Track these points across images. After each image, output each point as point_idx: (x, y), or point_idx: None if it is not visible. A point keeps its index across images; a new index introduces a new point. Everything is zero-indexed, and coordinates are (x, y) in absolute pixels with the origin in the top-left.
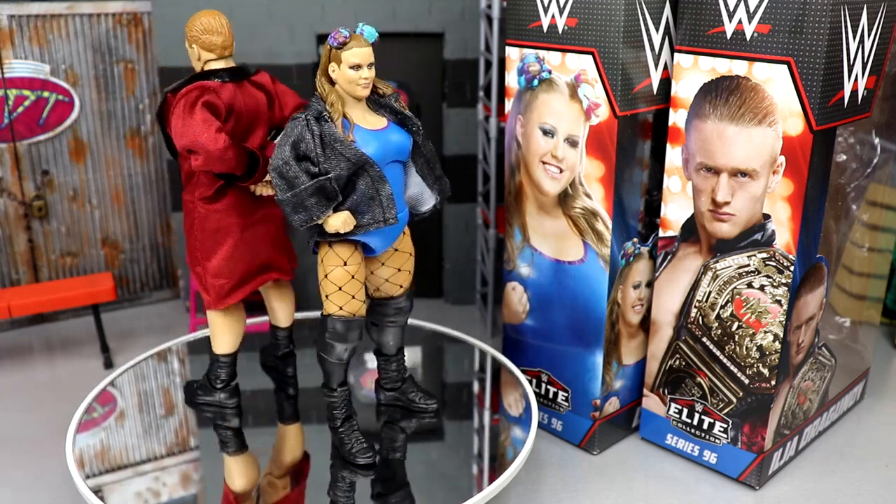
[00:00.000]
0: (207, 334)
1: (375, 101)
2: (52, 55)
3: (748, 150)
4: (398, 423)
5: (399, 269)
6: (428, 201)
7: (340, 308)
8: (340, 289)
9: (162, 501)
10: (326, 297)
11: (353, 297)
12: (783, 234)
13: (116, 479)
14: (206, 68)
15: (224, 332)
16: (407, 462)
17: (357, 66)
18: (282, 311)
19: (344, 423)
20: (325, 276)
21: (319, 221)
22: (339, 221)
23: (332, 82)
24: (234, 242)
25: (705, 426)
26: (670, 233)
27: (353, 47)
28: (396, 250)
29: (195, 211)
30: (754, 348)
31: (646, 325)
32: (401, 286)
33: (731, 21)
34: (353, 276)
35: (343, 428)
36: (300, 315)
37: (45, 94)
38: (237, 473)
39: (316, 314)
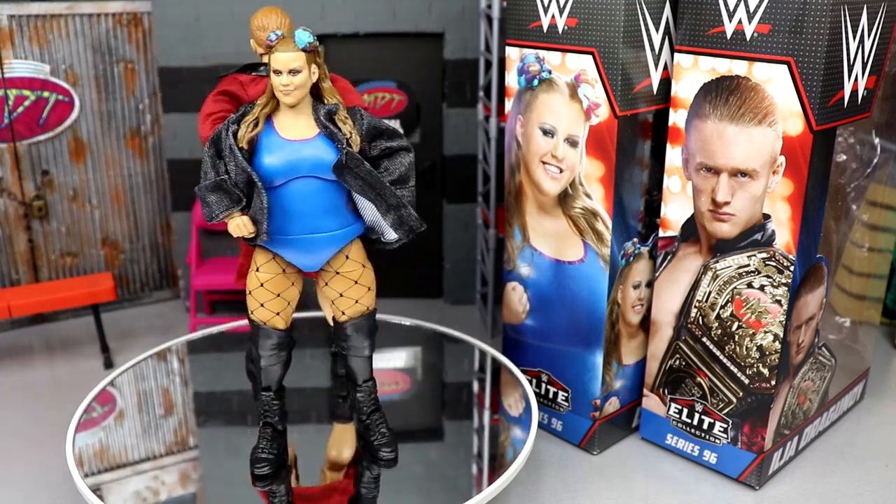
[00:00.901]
0: (207, 334)
1: (317, 110)
2: (52, 55)
3: (748, 150)
4: (363, 464)
5: (341, 294)
6: (388, 232)
7: (251, 312)
8: (251, 293)
9: (161, 500)
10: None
11: (263, 305)
12: (783, 234)
13: (116, 478)
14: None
15: None
16: (406, 462)
17: (278, 72)
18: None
19: (261, 428)
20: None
21: (221, 219)
22: (233, 225)
23: None
24: None
25: (705, 426)
26: (670, 233)
27: (276, 51)
28: (338, 273)
29: None
30: (754, 348)
31: (646, 325)
32: (343, 312)
33: (731, 21)
34: (261, 284)
35: (259, 431)
36: (302, 315)
37: (45, 94)
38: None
39: (318, 314)
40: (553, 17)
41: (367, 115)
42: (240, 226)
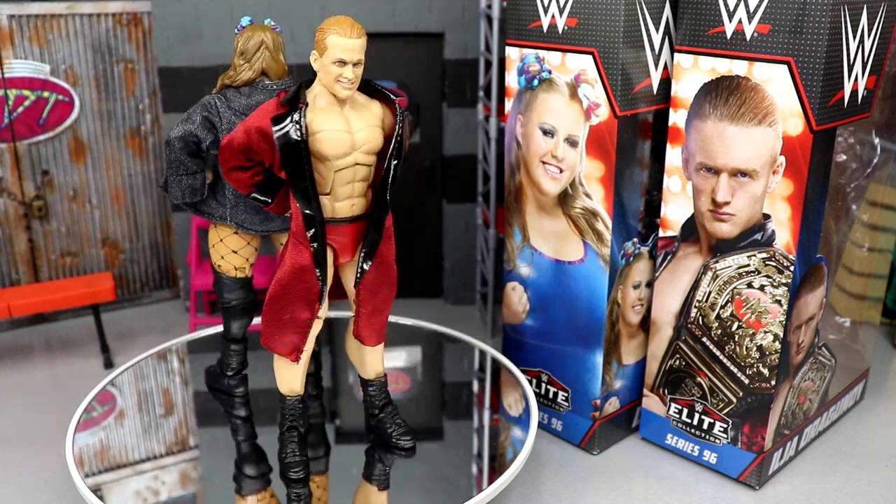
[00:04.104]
0: (206, 334)
1: None
2: (52, 55)
3: (748, 150)
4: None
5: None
6: None
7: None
8: None
9: (161, 500)
10: None
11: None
12: (783, 234)
13: (116, 478)
14: None
15: None
16: (407, 462)
17: None
18: None
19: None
20: None
21: None
22: None
23: None
24: None
25: (705, 426)
26: (670, 233)
27: None
28: None
29: None
30: (754, 348)
31: (646, 325)
32: None
33: (731, 21)
34: None
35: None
36: None
37: (45, 94)
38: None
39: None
40: (553, 17)
41: (201, 103)
42: None
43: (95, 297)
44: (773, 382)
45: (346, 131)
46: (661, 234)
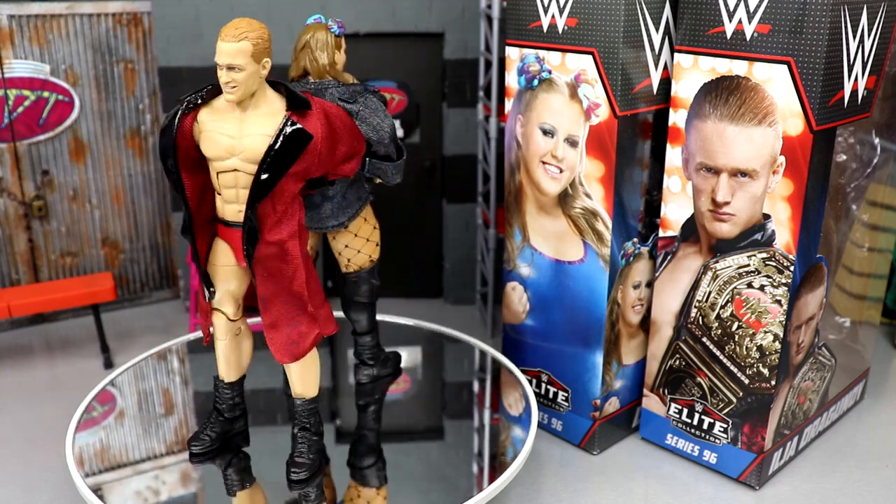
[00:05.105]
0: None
1: None
2: (52, 55)
3: (748, 150)
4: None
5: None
6: None
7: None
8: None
9: (161, 500)
10: (377, 245)
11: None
12: (783, 234)
13: (116, 478)
14: None
15: None
16: (407, 462)
17: None
18: None
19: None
20: (374, 228)
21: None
22: None
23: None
24: None
25: (705, 426)
26: (670, 233)
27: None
28: None
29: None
30: (754, 348)
31: (646, 325)
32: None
33: (731, 21)
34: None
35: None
36: None
37: (45, 94)
38: None
39: None
40: (553, 17)
41: None
42: None
43: (95, 297)
44: (773, 382)
45: (229, 136)
46: (661, 234)
